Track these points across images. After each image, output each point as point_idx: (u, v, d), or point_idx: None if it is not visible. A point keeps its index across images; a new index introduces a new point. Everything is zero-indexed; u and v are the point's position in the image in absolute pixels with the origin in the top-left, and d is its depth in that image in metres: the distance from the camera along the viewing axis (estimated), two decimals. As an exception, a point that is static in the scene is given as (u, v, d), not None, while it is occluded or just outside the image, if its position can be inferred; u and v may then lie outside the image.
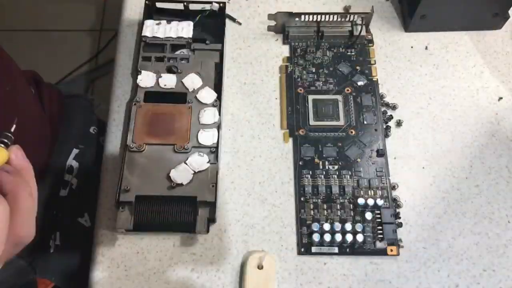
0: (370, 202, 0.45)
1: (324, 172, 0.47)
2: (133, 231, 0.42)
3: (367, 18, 0.53)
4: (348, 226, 0.44)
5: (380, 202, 0.45)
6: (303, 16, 0.53)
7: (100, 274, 0.43)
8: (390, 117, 0.50)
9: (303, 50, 0.54)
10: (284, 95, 0.51)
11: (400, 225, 0.45)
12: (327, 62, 0.53)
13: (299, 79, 0.52)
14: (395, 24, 0.57)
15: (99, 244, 0.44)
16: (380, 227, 0.44)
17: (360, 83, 0.51)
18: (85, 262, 0.44)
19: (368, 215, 0.44)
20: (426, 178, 0.47)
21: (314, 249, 0.44)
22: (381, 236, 0.44)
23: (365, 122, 0.49)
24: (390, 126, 0.50)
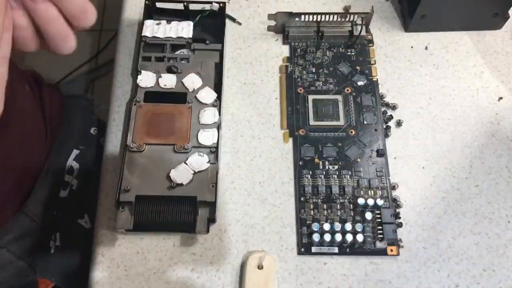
0: (370, 202, 0.45)
1: (324, 172, 0.47)
2: (133, 231, 0.42)
3: (367, 18, 0.53)
4: (348, 226, 0.44)
5: (380, 202, 0.45)
6: (303, 16, 0.53)
7: (100, 274, 0.43)
8: (390, 117, 0.50)
9: (303, 50, 0.54)
10: (284, 95, 0.51)
11: (400, 225, 0.45)
12: (327, 62, 0.53)
13: (299, 79, 0.52)
14: (395, 24, 0.57)
15: (99, 244, 0.44)
16: (380, 227, 0.44)
17: (360, 83, 0.51)
18: (85, 262, 0.44)
19: (368, 215, 0.44)
20: (426, 178, 0.48)
21: (314, 249, 0.44)
22: (381, 236, 0.44)
23: (365, 122, 0.49)
24: (390, 126, 0.50)
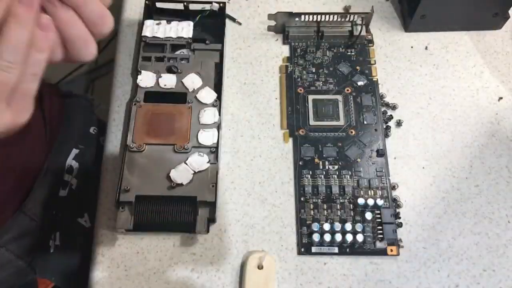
0: (370, 202, 0.45)
1: (324, 172, 0.47)
2: (133, 231, 0.42)
3: (367, 18, 0.53)
4: (348, 226, 0.44)
5: (380, 202, 0.45)
6: (303, 16, 0.53)
7: (100, 274, 0.43)
8: (390, 117, 0.50)
9: (303, 50, 0.54)
10: (284, 95, 0.51)
11: (400, 225, 0.45)
12: (327, 62, 0.53)
13: (299, 79, 0.52)
14: (395, 24, 0.57)
15: (99, 244, 0.44)
16: (380, 227, 0.44)
17: (360, 83, 0.51)
18: (85, 262, 0.44)
19: (368, 215, 0.44)
20: (426, 178, 0.47)
21: (314, 249, 0.44)
22: (381, 236, 0.44)
23: (365, 122, 0.49)
24: (390, 126, 0.50)
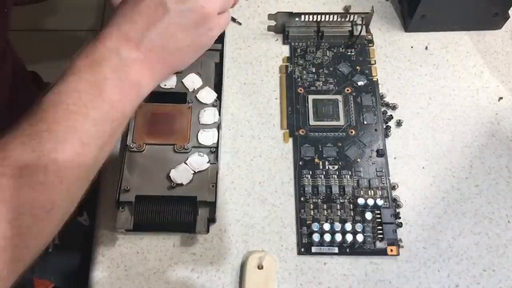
0: (370, 202, 0.45)
1: (324, 172, 0.47)
2: (133, 231, 0.42)
3: (367, 18, 0.53)
4: (348, 226, 0.44)
5: (380, 202, 0.45)
6: (303, 16, 0.53)
7: (100, 274, 0.43)
8: (390, 117, 0.50)
9: (303, 50, 0.54)
10: (284, 95, 0.51)
11: (400, 225, 0.45)
12: (327, 62, 0.53)
13: (299, 79, 0.52)
14: (395, 24, 0.57)
15: (99, 244, 0.44)
16: (380, 227, 0.44)
17: (360, 83, 0.51)
18: (85, 262, 0.44)
19: (368, 215, 0.44)
20: (426, 178, 0.47)
21: (314, 249, 0.44)
22: (381, 236, 0.44)
23: (365, 122, 0.49)
24: (390, 126, 0.50)
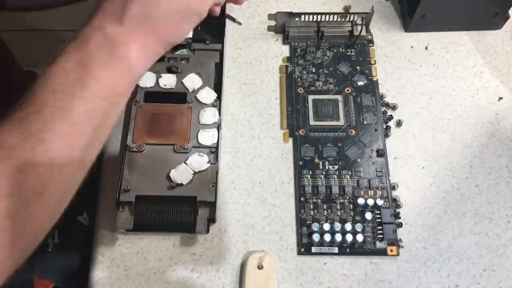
0: (370, 202, 0.45)
1: (324, 172, 0.47)
2: (133, 231, 0.42)
3: (367, 18, 0.53)
4: (348, 226, 0.44)
5: (380, 202, 0.45)
6: (303, 16, 0.53)
7: (100, 274, 0.43)
8: (390, 117, 0.50)
9: (303, 50, 0.54)
10: (284, 95, 0.51)
11: (400, 225, 0.45)
12: (327, 62, 0.53)
13: (299, 79, 0.52)
14: (395, 24, 0.57)
15: (99, 244, 0.44)
16: (380, 227, 0.44)
17: (360, 83, 0.51)
18: (85, 262, 0.44)
19: (368, 215, 0.44)
20: (426, 178, 0.47)
21: (314, 249, 0.44)
22: (381, 236, 0.44)
23: (365, 122, 0.49)
24: (390, 126, 0.50)
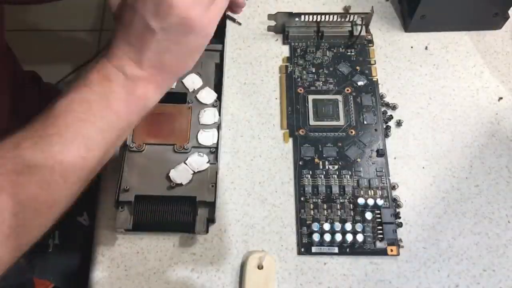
0: (370, 202, 0.45)
1: (324, 172, 0.47)
2: (132, 231, 0.42)
3: (367, 18, 0.53)
4: (348, 226, 0.44)
5: (380, 202, 0.45)
6: (303, 16, 0.53)
7: (100, 274, 0.43)
8: (390, 117, 0.50)
9: (303, 50, 0.54)
10: (284, 95, 0.51)
11: (400, 225, 0.45)
12: (327, 62, 0.53)
13: (299, 79, 0.52)
14: (395, 24, 0.57)
15: (99, 244, 0.44)
16: (380, 227, 0.44)
17: (360, 83, 0.51)
18: (85, 262, 0.44)
19: (368, 215, 0.44)
20: (426, 178, 0.47)
21: (314, 249, 0.43)
22: (381, 236, 0.44)
23: (365, 122, 0.49)
24: (390, 126, 0.50)
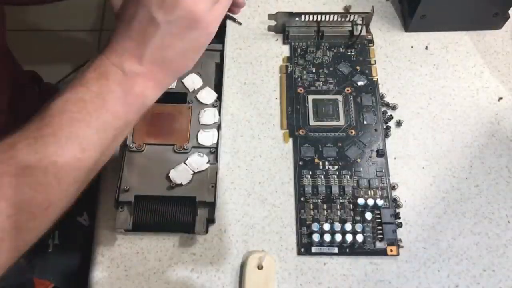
0: (370, 202, 0.44)
1: (324, 172, 0.47)
2: (132, 231, 0.42)
3: (367, 18, 0.53)
4: (348, 226, 0.44)
5: (380, 202, 0.45)
6: (303, 16, 0.53)
7: (100, 274, 0.43)
8: (390, 117, 0.50)
9: (303, 50, 0.54)
10: (284, 95, 0.51)
11: (400, 225, 0.45)
12: (327, 62, 0.53)
13: (299, 79, 0.52)
14: (395, 24, 0.57)
15: (99, 244, 0.44)
16: (380, 227, 0.44)
17: (360, 83, 0.51)
18: (85, 262, 0.44)
19: (368, 215, 0.44)
20: (426, 178, 0.47)
21: (314, 249, 0.43)
22: (381, 236, 0.44)
23: (365, 122, 0.49)
24: (390, 126, 0.50)
